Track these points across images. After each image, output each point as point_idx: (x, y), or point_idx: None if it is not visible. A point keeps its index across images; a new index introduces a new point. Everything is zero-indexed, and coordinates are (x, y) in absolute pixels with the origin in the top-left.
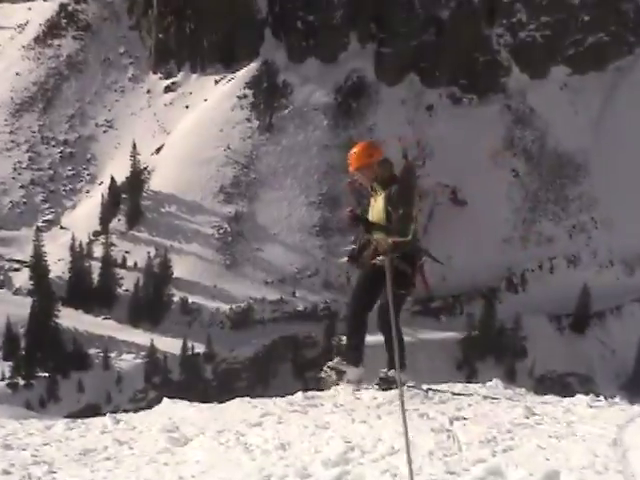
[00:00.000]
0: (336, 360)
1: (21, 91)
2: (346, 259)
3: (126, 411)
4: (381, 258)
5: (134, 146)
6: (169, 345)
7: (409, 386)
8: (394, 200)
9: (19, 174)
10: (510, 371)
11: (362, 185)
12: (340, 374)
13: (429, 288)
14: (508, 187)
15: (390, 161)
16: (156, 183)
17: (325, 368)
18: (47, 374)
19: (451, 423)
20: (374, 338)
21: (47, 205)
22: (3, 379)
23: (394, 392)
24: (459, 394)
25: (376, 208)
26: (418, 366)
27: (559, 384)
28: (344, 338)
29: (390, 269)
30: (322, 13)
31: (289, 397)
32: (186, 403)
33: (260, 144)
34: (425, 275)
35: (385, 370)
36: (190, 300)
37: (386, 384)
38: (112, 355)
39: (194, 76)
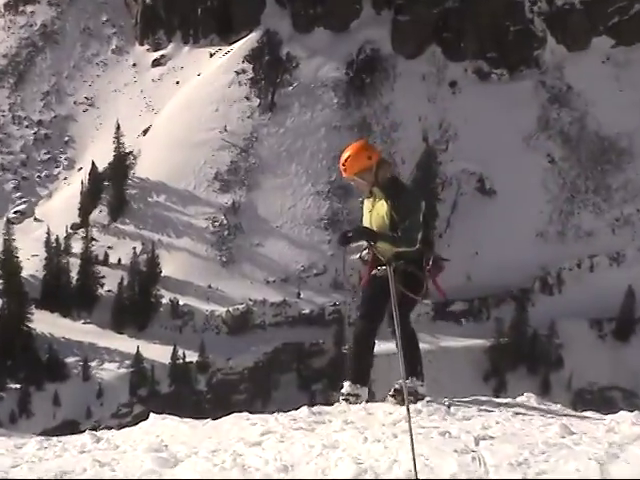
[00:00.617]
0: (348, 385)
1: None
2: (358, 257)
3: (108, 428)
4: (382, 268)
5: (118, 127)
6: (157, 353)
7: (428, 400)
8: (401, 207)
9: None
10: (544, 383)
11: (359, 190)
12: (356, 397)
13: (443, 292)
14: (543, 174)
15: (389, 161)
16: (143, 169)
17: (341, 399)
18: (18, 385)
19: (477, 443)
20: (387, 346)
21: (19, 194)
22: None
23: (412, 406)
24: (486, 410)
25: (376, 214)
26: (439, 377)
27: (600, 399)
28: (350, 357)
29: (393, 277)
30: None
31: (293, 412)
32: (176, 419)
33: (261, 125)
34: (438, 279)
35: (400, 381)
36: (181, 302)
37: (402, 396)
38: (92, 364)
39: (186, 48)
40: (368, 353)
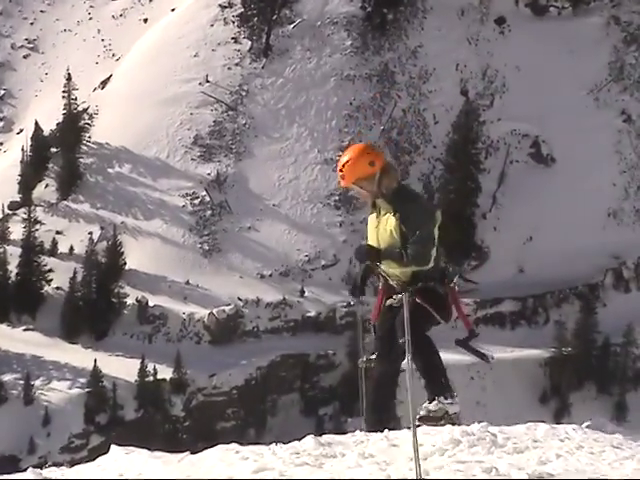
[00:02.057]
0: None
1: None
2: (350, 297)
3: (57, 465)
4: (397, 297)
5: (69, 78)
6: (120, 368)
7: (466, 425)
8: (410, 219)
9: None
10: (619, 406)
11: (360, 200)
12: None
13: (470, 324)
14: (616, 137)
15: (395, 167)
16: (101, 132)
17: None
18: None
19: None
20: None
21: None
22: None
23: (447, 435)
24: (543, 440)
25: (382, 230)
26: (484, 399)
27: None
28: (369, 405)
29: (408, 306)
30: None
31: (295, 443)
32: (145, 453)
33: (253, 75)
34: (461, 305)
35: (426, 404)
36: (151, 302)
37: (431, 421)
38: (37, 383)
39: None
40: (390, 400)
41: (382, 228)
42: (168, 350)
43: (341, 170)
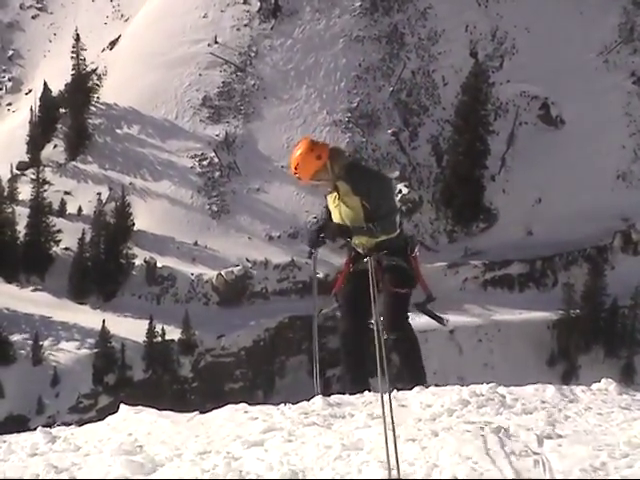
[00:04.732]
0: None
1: None
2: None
3: (66, 424)
4: (363, 261)
5: (77, 38)
6: (129, 329)
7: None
8: (372, 193)
9: None
10: (627, 368)
11: (323, 187)
12: None
13: (427, 288)
14: (625, 99)
15: (340, 149)
16: (109, 92)
17: None
18: None
19: (540, 443)
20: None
21: None
22: None
23: (456, 395)
24: (552, 401)
25: (345, 208)
26: (491, 361)
27: None
28: (342, 365)
29: (373, 269)
30: None
31: (304, 404)
32: (154, 412)
33: (262, 36)
34: (420, 271)
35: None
36: (159, 263)
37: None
38: (45, 344)
39: None
40: (360, 354)
41: (344, 206)
42: (176, 311)
43: (295, 173)
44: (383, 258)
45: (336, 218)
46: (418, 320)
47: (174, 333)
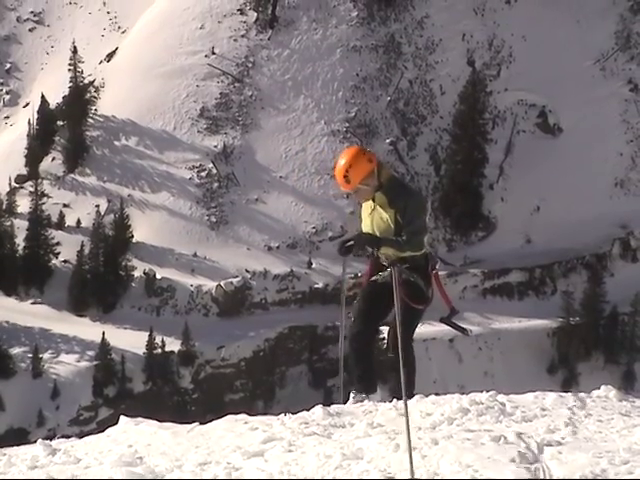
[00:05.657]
0: (353, 397)
1: None
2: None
3: (66, 437)
4: (384, 273)
5: (74, 50)
6: (128, 340)
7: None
8: (408, 210)
9: None
10: (627, 375)
11: (359, 199)
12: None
13: (451, 302)
14: (623, 106)
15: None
16: (107, 105)
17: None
18: None
19: (540, 450)
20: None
21: None
22: None
23: (456, 404)
24: (552, 408)
25: (378, 218)
26: (491, 369)
27: None
28: (350, 363)
29: (398, 280)
30: None
31: (304, 414)
32: (154, 424)
33: (259, 47)
34: (443, 287)
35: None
36: (158, 275)
37: None
38: (45, 356)
39: None
40: (368, 355)
41: (378, 216)
42: (176, 322)
43: (345, 175)
44: (404, 272)
45: (366, 227)
46: (418, 330)
47: (174, 344)
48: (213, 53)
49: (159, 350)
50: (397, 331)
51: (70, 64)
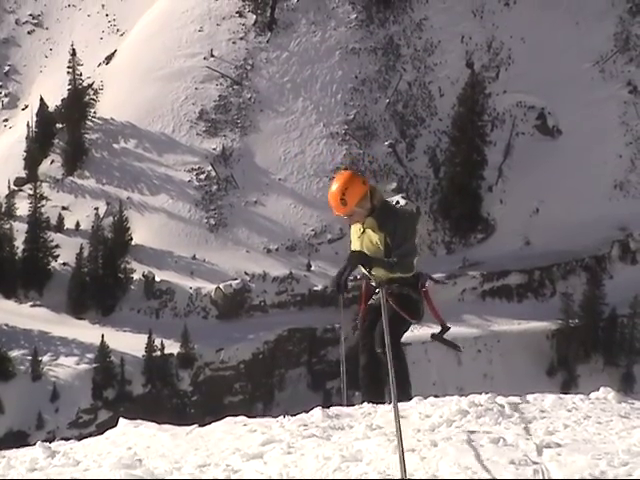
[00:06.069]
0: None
1: None
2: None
3: (66, 439)
4: (377, 296)
5: (73, 53)
6: (127, 343)
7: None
8: (397, 234)
9: None
10: (626, 377)
11: (352, 222)
12: None
13: (441, 318)
14: (622, 108)
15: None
16: (106, 107)
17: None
18: None
19: (539, 452)
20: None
21: None
22: None
23: (455, 405)
24: (551, 410)
25: (367, 241)
26: (491, 371)
27: None
28: (361, 383)
29: (385, 298)
30: None
31: (303, 416)
32: (153, 426)
33: (258, 49)
34: (433, 303)
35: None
36: (158, 278)
37: None
38: (44, 359)
39: None
40: (379, 381)
41: (367, 239)
42: (175, 325)
43: (342, 198)
44: (394, 288)
45: (355, 247)
46: (417, 332)
47: (173, 347)
48: (212, 56)
49: (158, 353)
50: (386, 351)
51: (69, 67)
